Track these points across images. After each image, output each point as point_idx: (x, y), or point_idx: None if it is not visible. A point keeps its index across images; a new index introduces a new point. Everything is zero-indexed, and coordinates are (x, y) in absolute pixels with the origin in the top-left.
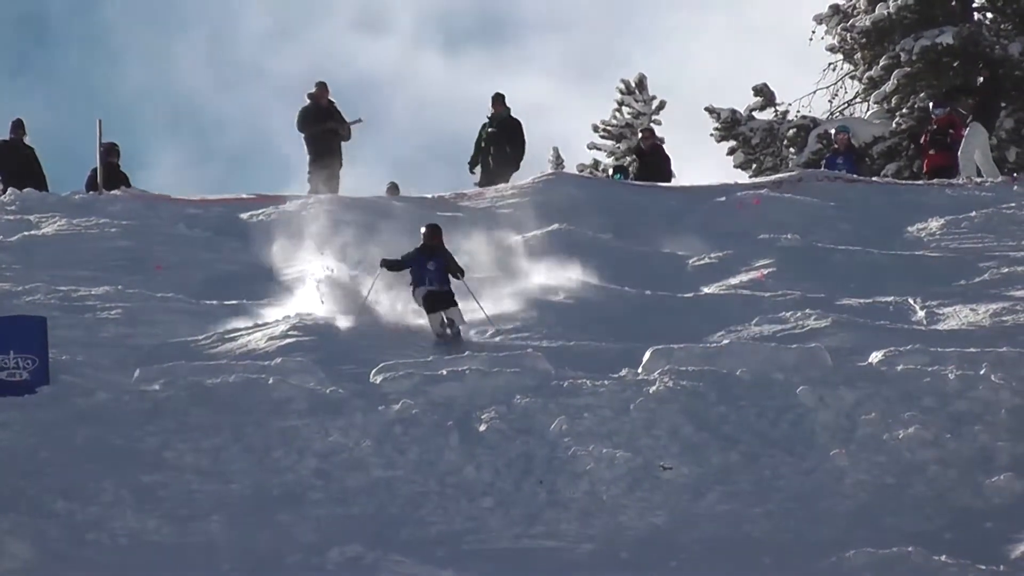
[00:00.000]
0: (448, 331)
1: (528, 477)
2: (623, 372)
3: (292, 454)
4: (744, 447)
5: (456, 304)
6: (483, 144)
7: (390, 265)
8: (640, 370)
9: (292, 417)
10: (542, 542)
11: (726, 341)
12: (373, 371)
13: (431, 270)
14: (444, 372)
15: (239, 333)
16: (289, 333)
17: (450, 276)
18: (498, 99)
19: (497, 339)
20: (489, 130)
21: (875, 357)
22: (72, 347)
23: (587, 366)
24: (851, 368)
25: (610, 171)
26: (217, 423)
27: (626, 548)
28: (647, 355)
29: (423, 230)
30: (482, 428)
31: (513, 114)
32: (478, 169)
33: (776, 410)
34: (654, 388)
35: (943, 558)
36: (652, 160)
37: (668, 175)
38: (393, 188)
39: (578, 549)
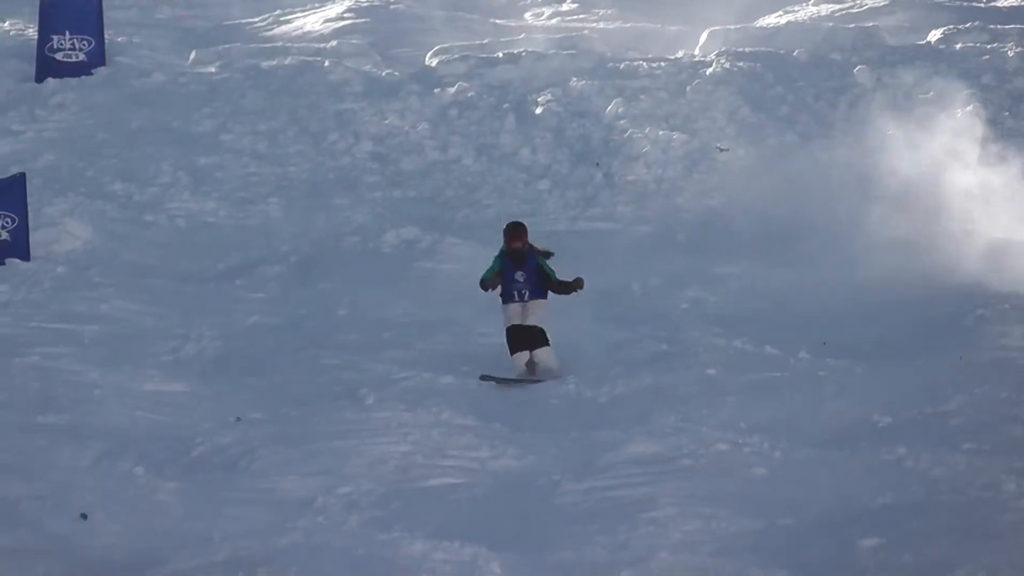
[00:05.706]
0: (532, 377)
1: (584, 160)
2: (679, 54)
3: (348, 137)
4: (801, 128)
5: (547, 342)
6: None
7: (484, 285)
8: (697, 51)
9: (348, 100)
10: (598, 224)
11: (783, 21)
12: (428, 54)
13: (519, 282)
14: (500, 55)
15: (294, 15)
16: (344, 15)
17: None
18: None
19: (553, 21)
20: None
21: (934, 35)
22: (128, 28)
23: (643, 48)
24: (909, 47)
25: None
26: (273, 106)
27: (682, 230)
28: (703, 36)
29: (504, 229)
30: (538, 111)
31: None
32: None
33: (833, 91)
34: (711, 70)
35: None
36: None
37: None
38: None
39: (634, 231)
